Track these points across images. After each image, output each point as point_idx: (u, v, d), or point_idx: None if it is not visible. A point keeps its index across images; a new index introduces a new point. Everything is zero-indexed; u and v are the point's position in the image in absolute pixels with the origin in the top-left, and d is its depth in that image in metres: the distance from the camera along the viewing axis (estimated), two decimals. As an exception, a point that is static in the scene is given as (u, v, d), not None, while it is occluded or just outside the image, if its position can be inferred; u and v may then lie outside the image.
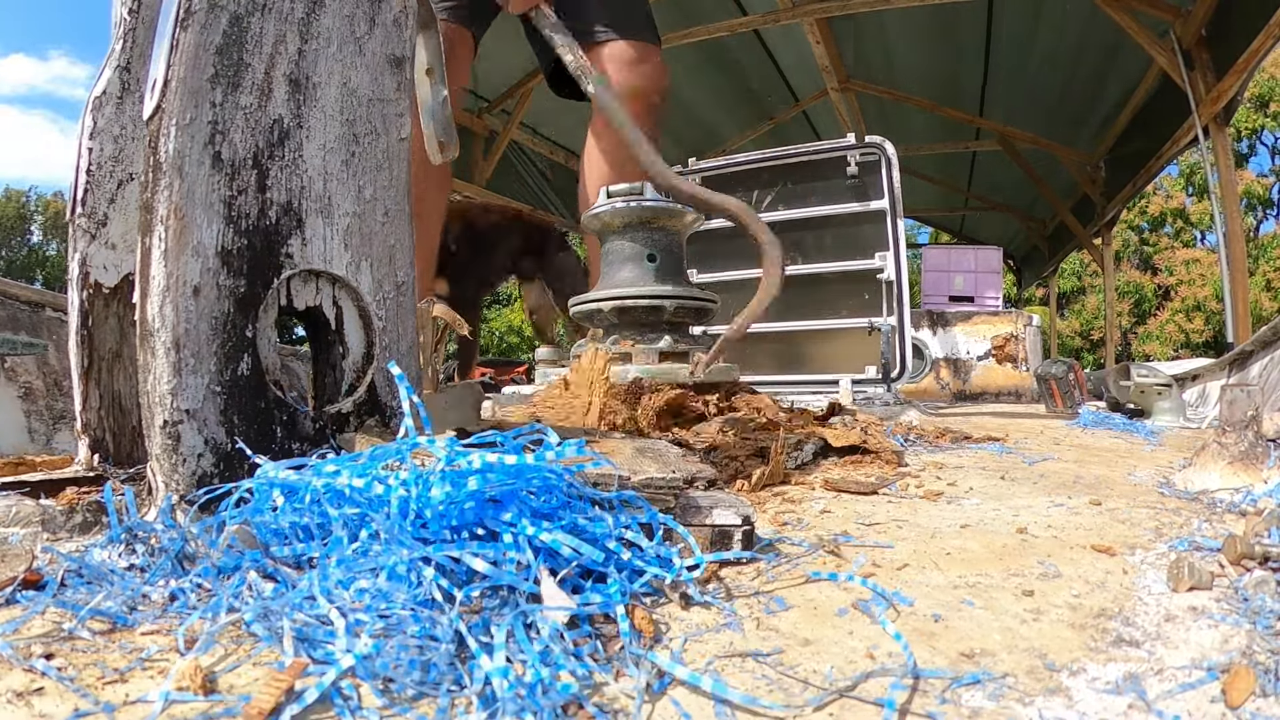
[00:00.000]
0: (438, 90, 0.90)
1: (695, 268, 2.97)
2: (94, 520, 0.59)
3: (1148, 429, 1.46)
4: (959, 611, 0.44)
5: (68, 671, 0.35)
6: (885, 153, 2.63)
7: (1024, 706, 0.33)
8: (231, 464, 0.58)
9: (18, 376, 1.38)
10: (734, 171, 2.97)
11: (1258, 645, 0.38)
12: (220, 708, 0.32)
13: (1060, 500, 0.76)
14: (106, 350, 0.76)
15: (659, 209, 1.49)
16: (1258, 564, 0.49)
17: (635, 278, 1.49)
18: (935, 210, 8.99)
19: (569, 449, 0.48)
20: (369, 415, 0.69)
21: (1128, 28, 3.96)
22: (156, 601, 0.43)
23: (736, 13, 4.60)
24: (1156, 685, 0.35)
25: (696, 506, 0.53)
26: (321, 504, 0.47)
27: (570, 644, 0.37)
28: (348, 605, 0.39)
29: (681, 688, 0.35)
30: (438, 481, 0.44)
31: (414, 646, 0.36)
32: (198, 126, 0.57)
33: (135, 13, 0.76)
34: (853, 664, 0.38)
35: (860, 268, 2.74)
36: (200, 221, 0.57)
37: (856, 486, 0.81)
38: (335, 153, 0.66)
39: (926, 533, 0.63)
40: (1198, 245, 17.70)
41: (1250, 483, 0.74)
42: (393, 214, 0.71)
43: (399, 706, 0.33)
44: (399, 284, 0.71)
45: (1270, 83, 16.03)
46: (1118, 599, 0.46)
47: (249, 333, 0.60)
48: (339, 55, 0.66)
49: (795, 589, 0.48)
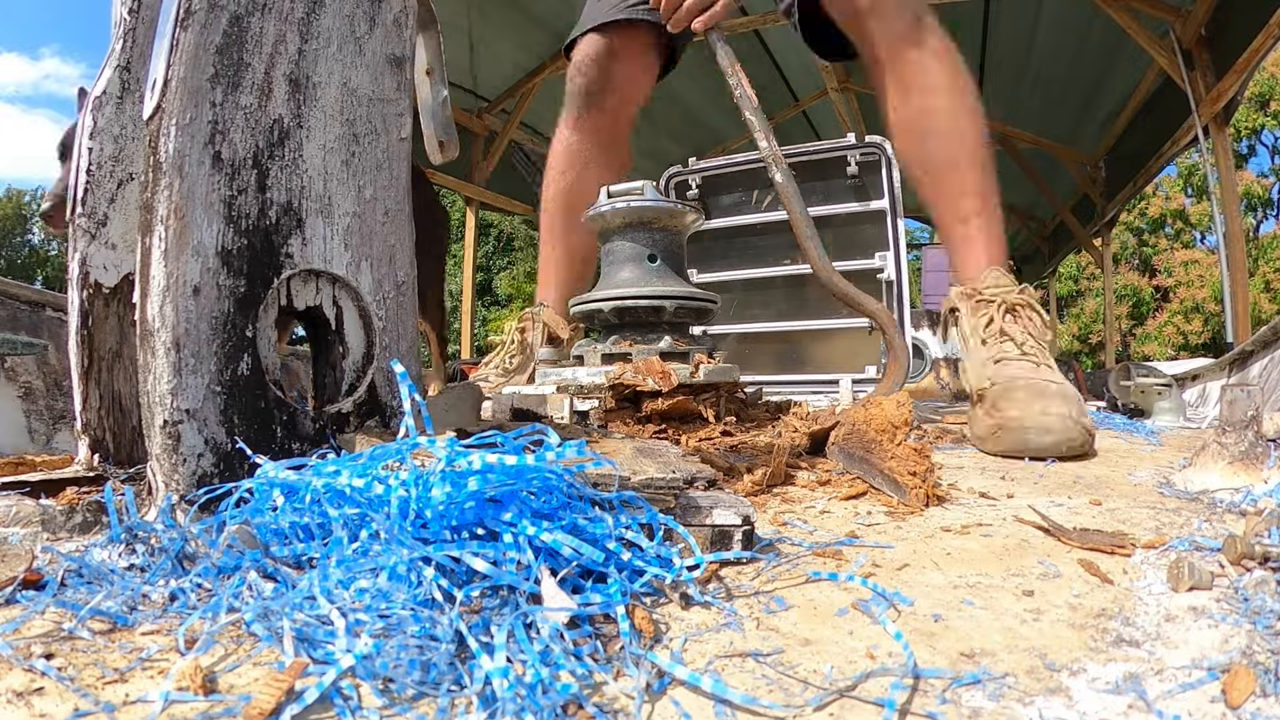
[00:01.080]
0: (438, 90, 0.90)
1: (695, 268, 2.97)
2: (94, 520, 0.59)
3: (1148, 429, 1.46)
4: (959, 611, 0.44)
5: (68, 671, 0.35)
6: (885, 153, 2.63)
7: (1024, 706, 0.33)
8: (231, 464, 0.58)
9: (18, 376, 1.38)
10: (734, 171, 2.96)
11: (1258, 645, 0.38)
12: (220, 708, 0.32)
13: (1060, 500, 0.76)
14: (106, 350, 0.76)
15: (660, 209, 1.49)
16: (1258, 564, 0.49)
17: (636, 278, 1.49)
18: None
19: (569, 449, 0.48)
20: (369, 415, 0.69)
21: (1127, 27, 3.96)
22: (156, 601, 0.43)
23: (736, 12, 4.60)
24: (1156, 685, 0.35)
25: (697, 506, 0.53)
26: (322, 504, 0.47)
27: (570, 644, 0.37)
28: (348, 605, 0.39)
29: (681, 688, 0.35)
30: (438, 482, 0.44)
31: (414, 646, 0.36)
32: (198, 126, 0.57)
33: (135, 13, 0.76)
34: (853, 664, 0.38)
35: (860, 268, 2.74)
36: (200, 221, 0.57)
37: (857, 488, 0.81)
38: (335, 153, 0.66)
39: (926, 533, 0.63)
40: (1197, 246, 17.70)
41: (1250, 483, 0.74)
42: (393, 214, 0.71)
43: (399, 706, 0.33)
44: (399, 284, 0.71)
45: (1270, 82, 16.03)
46: (1118, 599, 0.46)
47: (249, 333, 0.60)
48: (339, 55, 0.67)
49: (795, 589, 0.48)
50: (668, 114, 5.94)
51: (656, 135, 6.17)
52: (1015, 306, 1.21)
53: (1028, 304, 1.21)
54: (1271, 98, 16.15)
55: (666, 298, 1.45)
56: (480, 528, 0.44)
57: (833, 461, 0.92)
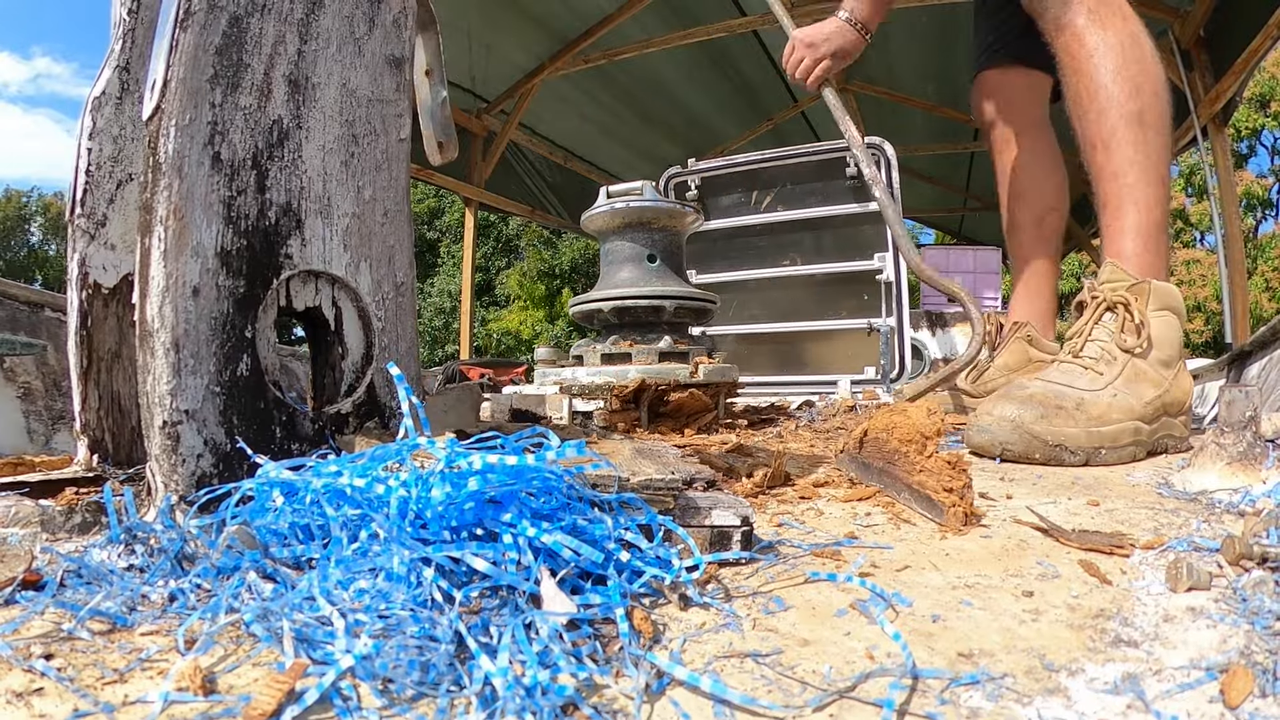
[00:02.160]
0: (437, 91, 0.90)
1: (695, 268, 2.97)
2: (93, 521, 0.59)
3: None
4: (958, 612, 0.45)
5: (67, 672, 0.35)
6: (885, 153, 2.63)
7: (1023, 706, 0.33)
8: (231, 464, 0.58)
9: (17, 377, 1.38)
10: (734, 172, 2.97)
11: (1256, 645, 0.38)
12: (220, 708, 0.32)
13: (1059, 501, 0.76)
14: (106, 351, 0.76)
15: (659, 209, 1.49)
16: (1256, 564, 0.49)
17: (635, 278, 1.49)
18: (934, 211, 9.00)
19: (569, 450, 0.48)
20: (368, 416, 0.69)
21: (1127, 28, 3.95)
22: (156, 602, 0.43)
23: (735, 13, 4.61)
24: (1155, 685, 0.35)
25: (696, 507, 0.54)
26: (321, 504, 0.47)
27: (569, 644, 0.38)
28: (347, 606, 0.39)
29: (680, 688, 0.35)
30: (438, 482, 0.44)
31: (413, 647, 0.36)
32: (197, 127, 0.57)
33: (135, 13, 0.76)
34: (852, 664, 0.38)
35: (859, 268, 2.75)
36: (200, 222, 0.57)
37: (856, 491, 0.81)
38: (334, 153, 0.66)
39: (925, 533, 0.63)
40: (1197, 246, 17.71)
41: (1249, 483, 0.74)
42: (392, 214, 0.71)
43: (398, 707, 0.33)
44: (398, 284, 0.71)
45: (1270, 82, 16.05)
46: (1116, 599, 0.46)
47: (248, 333, 0.60)
48: (338, 56, 0.67)
49: (794, 589, 0.48)
50: (668, 115, 5.94)
51: (656, 136, 6.18)
52: (1115, 305, 1.14)
53: (1125, 302, 1.12)
54: (1271, 98, 16.17)
55: (666, 297, 1.46)
56: (480, 528, 0.44)
57: (841, 470, 0.90)
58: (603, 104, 5.69)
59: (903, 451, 0.73)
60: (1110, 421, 1.02)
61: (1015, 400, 1.03)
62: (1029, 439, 1.00)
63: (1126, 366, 1.09)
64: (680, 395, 1.37)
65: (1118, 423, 1.02)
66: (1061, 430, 1.00)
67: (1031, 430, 1.00)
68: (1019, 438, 1.00)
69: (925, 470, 0.70)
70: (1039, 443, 0.99)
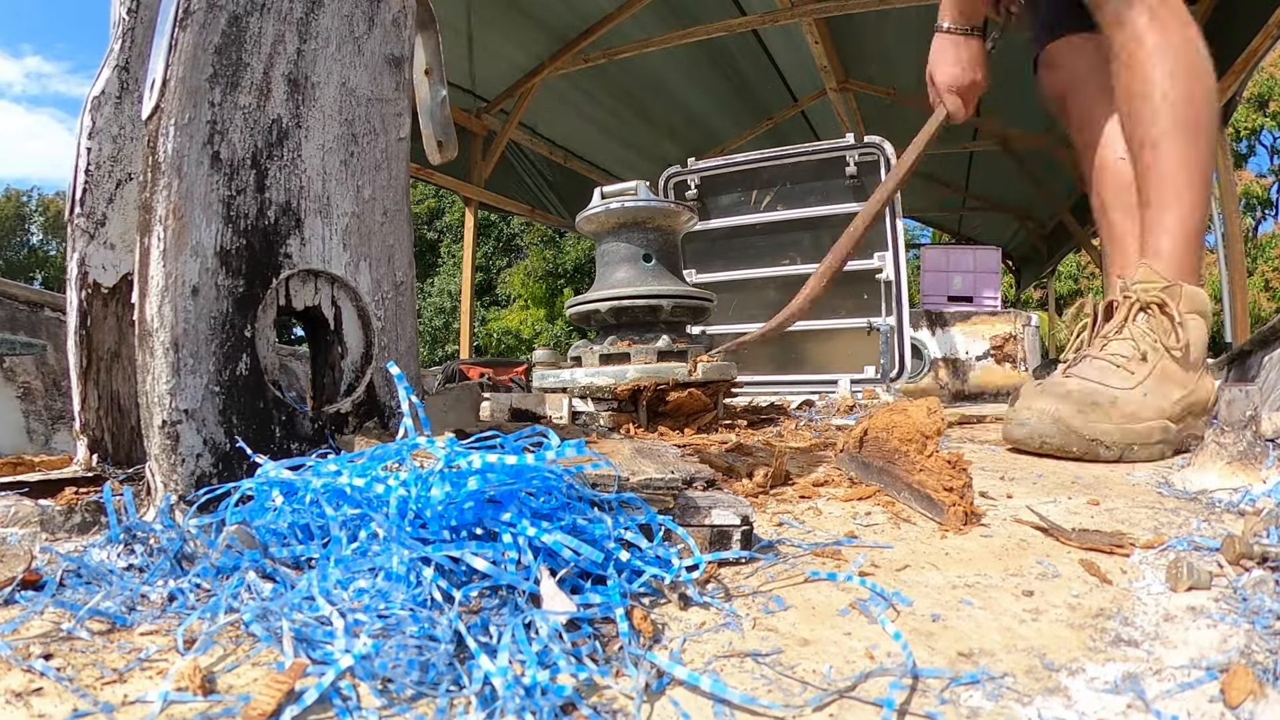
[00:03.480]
0: (436, 90, 0.90)
1: (694, 267, 2.97)
2: (93, 520, 0.59)
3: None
4: (958, 611, 0.44)
5: (66, 672, 0.35)
6: (884, 153, 2.63)
7: (1023, 706, 0.33)
8: (230, 464, 0.58)
9: (16, 377, 1.38)
10: (733, 171, 2.97)
11: (1256, 645, 0.38)
12: (219, 708, 0.32)
13: (1059, 500, 0.76)
14: (105, 350, 0.76)
15: (653, 209, 1.49)
16: (1256, 564, 0.49)
17: (632, 278, 1.49)
18: (934, 210, 9.00)
19: (569, 450, 0.48)
20: (368, 416, 0.69)
21: (1126, 28, 3.95)
22: (155, 602, 0.43)
23: (735, 13, 4.61)
24: (1155, 685, 0.35)
25: (695, 507, 0.53)
26: (321, 504, 0.47)
27: (569, 644, 0.37)
28: (347, 606, 0.39)
29: (680, 688, 0.35)
30: (437, 482, 0.44)
31: (413, 647, 0.36)
32: (196, 126, 0.57)
33: (134, 12, 0.76)
34: (852, 664, 0.38)
35: (859, 268, 2.75)
36: (199, 221, 0.57)
37: (856, 491, 0.81)
38: (334, 153, 0.66)
39: (925, 533, 0.63)
40: (1196, 245, 17.68)
41: (1249, 483, 0.74)
42: (391, 214, 0.71)
43: (398, 707, 0.33)
44: (398, 284, 0.71)
45: (1269, 82, 16.05)
46: (1116, 599, 0.46)
47: (248, 333, 0.60)
48: (338, 55, 0.66)
49: (794, 589, 0.48)
50: (667, 114, 5.93)
51: (656, 136, 6.17)
52: (1149, 305, 1.15)
53: (1161, 302, 1.13)
54: (1270, 98, 16.17)
55: (664, 297, 1.46)
56: (479, 528, 0.44)
57: (841, 469, 0.90)
58: (602, 103, 5.68)
59: (903, 451, 0.73)
60: (1142, 419, 1.04)
61: (1054, 396, 1.05)
62: (1067, 433, 1.02)
63: (1156, 366, 1.10)
64: (679, 395, 1.37)
65: (1148, 421, 1.04)
66: (1098, 426, 1.02)
67: (1070, 425, 1.02)
68: (1058, 431, 1.02)
69: (925, 469, 0.70)
70: (1076, 437, 1.02)
